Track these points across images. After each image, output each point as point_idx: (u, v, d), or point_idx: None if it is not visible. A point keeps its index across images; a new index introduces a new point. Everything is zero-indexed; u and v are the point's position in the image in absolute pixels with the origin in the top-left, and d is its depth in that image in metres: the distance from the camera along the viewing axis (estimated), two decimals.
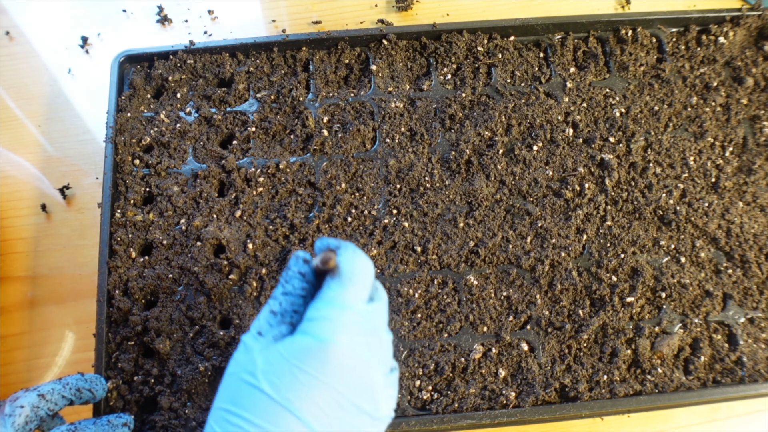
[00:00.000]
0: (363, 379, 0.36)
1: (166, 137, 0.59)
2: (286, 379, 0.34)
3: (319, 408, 0.34)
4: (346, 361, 0.35)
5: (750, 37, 0.65)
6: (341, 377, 0.35)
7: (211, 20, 0.70)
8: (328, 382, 0.34)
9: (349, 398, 0.35)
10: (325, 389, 0.34)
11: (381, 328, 0.38)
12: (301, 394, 0.34)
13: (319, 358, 0.35)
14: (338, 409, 0.35)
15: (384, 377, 0.38)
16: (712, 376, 0.52)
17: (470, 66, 0.63)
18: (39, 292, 0.58)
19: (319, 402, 0.34)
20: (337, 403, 0.35)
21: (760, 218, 0.57)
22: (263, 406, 0.34)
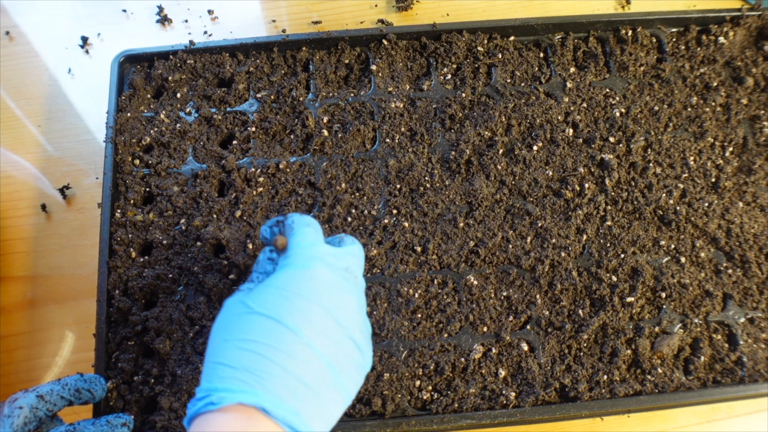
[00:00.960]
0: (345, 304, 0.39)
1: (166, 137, 0.59)
2: (276, 301, 0.37)
3: (310, 323, 0.36)
4: (327, 284, 0.38)
5: (750, 37, 0.65)
6: (325, 297, 0.38)
7: (211, 20, 0.70)
8: (312, 299, 0.37)
9: (334, 317, 0.38)
10: (312, 306, 0.37)
11: (353, 268, 0.42)
12: (291, 311, 0.36)
13: (305, 281, 0.38)
14: (325, 325, 0.37)
15: (362, 312, 0.41)
16: (712, 376, 0.52)
17: (470, 66, 0.63)
18: (39, 292, 0.58)
19: (309, 317, 0.37)
20: (323, 319, 0.37)
21: (760, 218, 0.57)
22: (261, 325, 0.36)
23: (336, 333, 0.37)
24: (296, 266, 0.39)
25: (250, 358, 0.35)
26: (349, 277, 0.41)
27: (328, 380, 0.36)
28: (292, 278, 0.38)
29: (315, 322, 0.37)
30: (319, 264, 0.39)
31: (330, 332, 0.37)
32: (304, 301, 0.37)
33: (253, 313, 0.37)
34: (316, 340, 0.36)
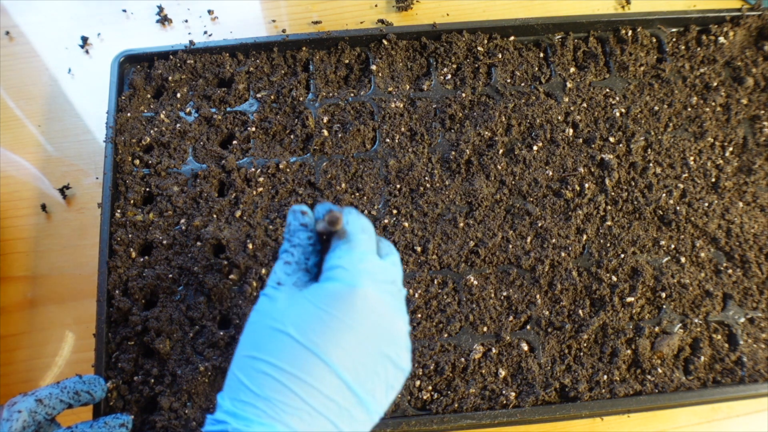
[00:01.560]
0: (388, 326, 0.36)
1: (166, 137, 0.59)
2: (312, 323, 0.34)
3: (346, 352, 0.34)
4: (372, 306, 0.35)
5: (750, 37, 0.65)
6: (368, 322, 0.35)
7: (211, 20, 0.70)
8: (354, 326, 0.34)
9: (375, 344, 0.35)
10: (352, 333, 0.34)
11: (398, 280, 0.39)
12: (327, 338, 0.34)
13: (347, 302, 0.35)
14: (364, 354, 0.34)
15: (405, 327, 0.37)
16: (712, 376, 0.52)
17: (470, 66, 0.63)
18: (39, 292, 0.58)
19: (346, 346, 0.34)
20: (363, 347, 0.34)
21: (760, 218, 0.57)
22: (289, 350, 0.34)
23: (375, 361, 0.35)
24: (342, 282, 0.35)
25: (272, 387, 0.33)
26: (395, 291, 0.38)
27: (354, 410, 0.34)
28: (335, 298, 0.35)
29: (353, 353, 0.34)
30: (367, 282, 0.36)
31: (369, 362, 0.35)
32: (345, 327, 0.34)
33: (284, 333, 0.34)
34: (350, 372, 0.34)
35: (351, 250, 0.37)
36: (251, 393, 0.33)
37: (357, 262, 0.36)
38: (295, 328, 0.34)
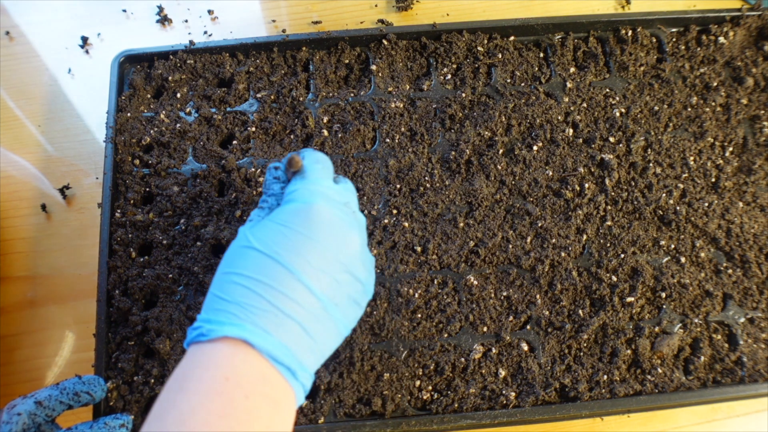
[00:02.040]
0: (343, 238, 0.40)
1: (166, 137, 0.59)
2: (274, 237, 0.38)
3: (305, 259, 0.37)
4: (326, 220, 0.39)
5: (750, 37, 0.65)
6: (323, 233, 0.39)
7: (211, 20, 0.70)
8: (311, 236, 0.38)
9: (332, 253, 0.39)
10: (310, 243, 0.38)
11: (352, 203, 0.43)
12: (288, 247, 0.38)
13: (303, 216, 0.39)
14: (322, 262, 0.38)
15: (361, 243, 0.41)
16: (712, 376, 0.52)
17: (470, 66, 0.63)
18: (39, 292, 0.58)
19: (305, 254, 0.38)
20: (321, 256, 0.38)
21: (760, 218, 0.57)
22: (256, 261, 0.37)
23: (334, 268, 0.39)
24: (298, 201, 0.40)
25: (242, 293, 0.36)
26: (348, 212, 0.42)
27: (321, 315, 0.38)
28: (293, 214, 0.40)
29: (312, 260, 0.38)
30: (321, 200, 0.40)
31: (327, 268, 0.38)
32: (302, 237, 0.38)
33: (251, 248, 0.38)
34: (311, 277, 0.37)
35: (305, 178, 0.42)
36: (223, 301, 0.37)
37: (310, 185, 0.41)
38: (259, 242, 0.38)
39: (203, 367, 0.34)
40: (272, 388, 0.35)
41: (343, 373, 0.51)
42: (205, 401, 0.33)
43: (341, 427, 0.48)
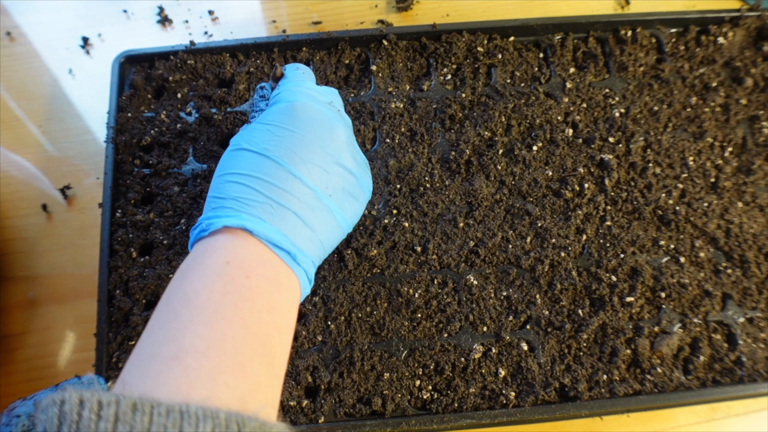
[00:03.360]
0: (328, 131, 0.41)
1: (167, 137, 0.59)
2: (263, 136, 0.40)
3: (294, 153, 0.39)
4: (311, 115, 0.41)
5: (749, 38, 0.65)
6: (309, 127, 0.41)
7: (212, 21, 0.70)
8: (297, 131, 0.40)
9: (319, 145, 0.40)
10: (297, 137, 0.40)
11: (336, 103, 0.45)
12: (276, 143, 0.39)
13: (287, 114, 0.41)
14: (311, 154, 0.40)
15: (351, 141, 0.43)
16: (711, 375, 0.52)
17: (470, 66, 0.63)
18: (39, 292, 0.58)
19: (294, 148, 0.39)
20: (309, 148, 0.40)
21: (760, 218, 0.57)
22: (247, 160, 0.39)
23: (322, 160, 0.40)
24: (282, 101, 0.42)
25: (236, 189, 0.38)
26: (333, 109, 0.44)
27: (315, 205, 0.39)
28: (278, 113, 0.41)
29: (299, 152, 0.39)
30: (304, 97, 0.42)
31: (316, 160, 0.40)
32: (289, 133, 0.40)
33: (241, 149, 0.40)
34: (301, 169, 0.39)
35: (288, 83, 0.44)
36: (220, 199, 0.38)
37: (292, 87, 0.43)
38: (249, 144, 0.40)
39: (204, 256, 0.36)
40: (272, 271, 0.37)
41: (343, 372, 0.51)
42: (208, 282, 0.34)
43: (341, 427, 0.48)
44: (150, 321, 0.34)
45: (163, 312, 0.34)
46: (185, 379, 0.29)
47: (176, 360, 0.30)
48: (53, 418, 0.25)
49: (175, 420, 0.25)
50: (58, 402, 0.25)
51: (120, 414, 0.24)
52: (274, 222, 0.37)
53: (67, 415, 0.24)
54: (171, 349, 0.31)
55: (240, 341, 0.32)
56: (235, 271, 0.35)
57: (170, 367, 0.30)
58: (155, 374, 0.30)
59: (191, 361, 0.30)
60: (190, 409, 0.25)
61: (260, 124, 0.41)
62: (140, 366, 0.31)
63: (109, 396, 0.25)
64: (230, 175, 0.39)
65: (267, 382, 0.33)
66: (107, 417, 0.24)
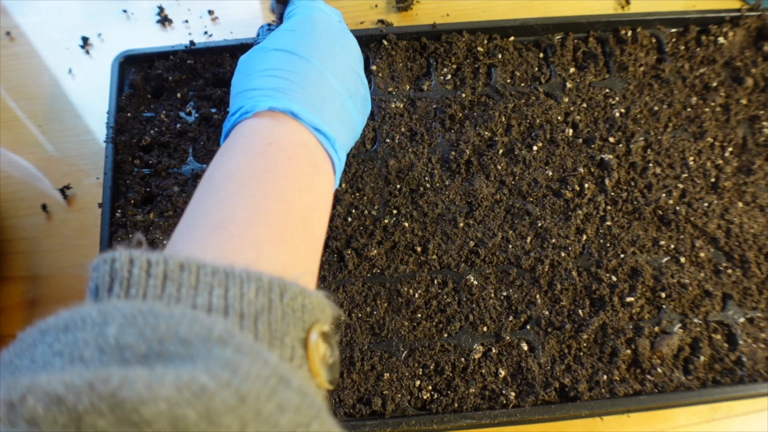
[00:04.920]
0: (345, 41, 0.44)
1: (167, 137, 0.59)
2: (286, 38, 0.41)
3: (320, 53, 0.41)
4: (327, 23, 0.43)
5: (749, 38, 0.65)
6: (327, 33, 0.43)
7: (212, 21, 0.70)
8: (317, 36, 0.42)
9: (339, 51, 0.42)
10: (318, 40, 0.41)
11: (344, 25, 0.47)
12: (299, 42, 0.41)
13: (305, 22, 0.43)
14: (333, 57, 0.41)
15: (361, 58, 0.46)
16: (711, 375, 0.52)
17: (470, 66, 0.63)
18: (39, 292, 0.58)
19: (319, 49, 0.41)
20: (331, 52, 0.41)
21: (760, 218, 0.57)
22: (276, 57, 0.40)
23: (343, 63, 0.42)
24: (299, 14, 0.44)
25: (274, 81, 0.39)
26: (344, 26, 0.46)
27: (343, 102, 0.41)
28: (298, 21, 0.43)
29: (324, 53, 0.41)
30: (319, 12, 0.44)
31: (338, 62, 0.41)
32: (311, 37, 0.41)
33: (269, 49, 0.41)
34: (329, 68, 0.40)
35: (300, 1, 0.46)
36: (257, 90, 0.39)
37: (305, 2, 0.45)
38: (276, 45, 0.41)
39: (246, 135, 0.37)
40: (311, 153, 0.37)
41: (343, 372, 0.51)
42: (250, 159, 0.35)
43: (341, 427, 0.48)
44: (193, 196, 0.34)
45: (206, 186, 0.34)
46: (230, 246, 0.30)
47: (220, 228, 0.31)
48: (104, 276, 0.25)
49: (221, 280, 0.25)
50: (109, 260, 0.26)
51: (168, 272, 0.25)
52: (312, 110, 0.38)
53: (118, 272, 0.25)
54: (215, 218, 0.31)
55: (281, 215, 0.33)
56: (277, 152, 0.35)
57: (214, 235, 0.30)
58: (199, 241, 0.30)
59: (234, 229, 0.31)
60: (234, 271, 0.26)
61: (281, 30, 0.42)
62: (185, 234, 0.32)
63: (158, 255, 0.26)
64: (263, 71, 0.40)
65: (306, 255, 0.34)
66: (156, 274, 0.25)
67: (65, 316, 0.22)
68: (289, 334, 0.26)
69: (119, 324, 0.22)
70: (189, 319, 0.22)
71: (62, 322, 0.22)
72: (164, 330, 0.22)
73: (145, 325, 0.22)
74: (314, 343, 0.27)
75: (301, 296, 0.27)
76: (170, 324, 0.22)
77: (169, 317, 0.22)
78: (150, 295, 0.25)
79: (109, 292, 0.25)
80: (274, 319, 0.26)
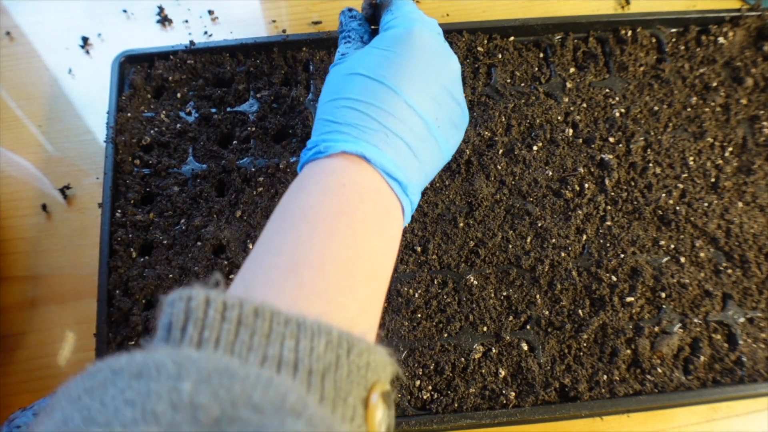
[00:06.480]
0: (444, 61, 0.42)
1: (166, 137, 0.59)
2: (379, 62, 0.40)
3: (410, 81, 0.39)
4: (427, 45, 0.41)
5: (749, 38, 0.65)
6: (426, 56, 0.41)
7: (212, 21, 0.70)
8: (414, 60, 0.40)
9: (434, 75, 0.41)
10: (414, 66, 0.40)
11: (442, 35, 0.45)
12: (393, 71, 0.39)
13: (406, 41, 0.41)
14: (425, 84, 0.40)
15: (458, 67, 0.44)
16: (711, 375, 0.52)
17: (470, 66, 0.63)
18: (39, 292, 0.58)
19: (410, 76, 0.39)
20: (424, 78, 0.40)
21: (760, 218, 0.57)
22: (363, 85, 0.39)
23: (436, 91, 0.40)
24: (398, 27, 0.42)
25: (352, 115, 0.38)
26: (444, 40, 0.44)
27: (425, 136, 0.40)
28: (394, 39, 0.41)
29: (416, 81, 0.39)
30: (421, 24, 0.42)
31: (430, 90, 0.40)
32: (406, 61, 0.40)
33: (356, 74, 0.40)
34: (416, 99, 0.39)
35: (400, 7, 0.44)
36: (335, 123, 0.39)
37: (408, 13, 0.43)
38: (364, 68, 0.40)
39: (322, 174, 0.37)
40: (384, 198, 0.37)
41: None
42: (324, 199, 0.35)
43: None
44: (265, 230, 0.35)
45: (279, 222, 0.34)
46: (301, 293, 0.30)
47: (293, 273, 0.31)
48: (179, 313, 0.25)
49: (293, 330, 0.25)
50: (185, 298, 0.26)
51: (243, 317, 0.25)
52: (388, 151, 0.38)
53: (193, 312, 0.25)
54: (288, 260, 0.31)
55: (352, 262, 0.33)
56: (351, 194, 0.35)
57: (287, 279, 0.31)
58: (272, 284, 0.30)
59: (306, 275, 0.31)
60: (306, 322, 0.26)
61: (375, 49, 0.41)
62: (257, 272, 0.32)
63: (234, 299, 0.26)
64: (345, 100, 0.39)
65: (372, 307, 0.34)
66: (230, 318, 0.25)
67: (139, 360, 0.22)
68: (352, 392, 0.26)
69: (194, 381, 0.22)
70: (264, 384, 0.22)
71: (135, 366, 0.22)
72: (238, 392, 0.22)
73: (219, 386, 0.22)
74: (374, 404, 0.27)
75: (367, 353, 0.27)
76: (245, 387, 0.22)
77: (244, 379, 0.22)
78: (223, 340, 0.25)
79: (182, 332, 0.25)
80: (340, 377, 0.26)
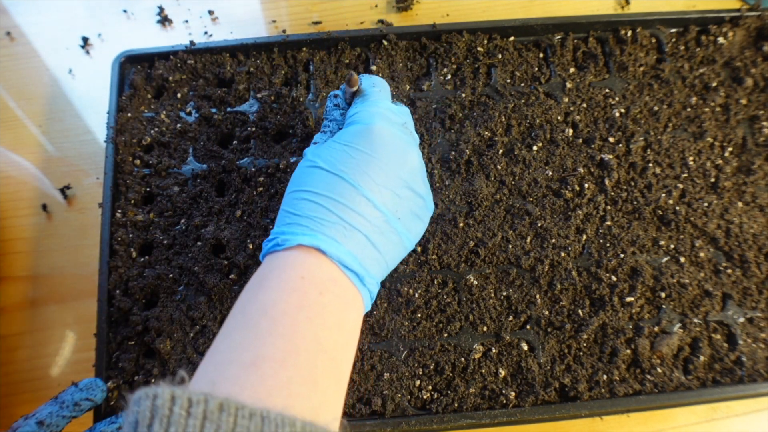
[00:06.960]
0: (402, 155, 0.43)
1: (167, 137, 0.59)
2: (339, 157, 0.41)
3: (368, 176, 0.40)
4: (386, 139, 0.42)
5: (749, 38, 0.65)
6: (384, 151, 0.42)
7: (212, 21, 0.70)
8: (373, 155, 0.41)
9: (392, 169, 0.42)
10: (372, 161, 0.41)
11: (408, 124, 0.46)
12: (351, 166, 0.41)
13: (365, 137, 0.42)
14: (384, 178, 0.41)
15: (418, 160, 0.44)
16: (711, 375, 0.52)
17: (470, 66, 0.63)
18: (39, 292, 0.58)
19: (368, 171, 0.41)
20: (382, 172, 0.41)
21: (759, 218, 0.57)
22: (323, 179, 0.40)
23: (395, 184, 0.42)
24: (360, 123, 0.43)
25: (312, 208, 0.39)
26: (406, 131, 0.45)
27: (384, 228, 0.41)
28: (355, 134, 0.42)
29: (374, 176, 0.41)
30: (381, 120, 0.43)
31: (389, 184, 0.41)
32: (365, 156, 0.41)
33: (317, 167, 0.41)
34: (374, 192, 0.40)
35: (365, 101, 0.45)
36: (295, 215, 0.40)
37: (370, 107, 0.44)
38: (325, 162, 0.41)
39: (280, 268, 0.38)
40: (342, 290, 0.38)
41: None
42: (284, 295, 0.36)
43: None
44: (225, 325, 0.35)
45: (240, 318, 0.35)
46: (263, 387, 0.31)
47: (254, 366, 0.32)
48: (145, 411, 0.26)
49: (257, 424, 0.26)
50: (151, 396, 0.26)
51: (208, 413, 0.26)
52: (345, 243, 0.39)
53: (159, 409, 0.26)
54: (249, 355, 0.32)
55: (313, 355, 0.34)
56: (309, 287, 0.36)
57: (248, 373, 0.31)
58: (234, 379, 0.31)
59: (268, 369, 0.32)
60: (270, 415, 0.27)
61: (337, 143, 0.42)
62: (219, 368, 0.32)
63: (198, 395, 0.26)
64: (304, 192, 0.40)
65: (335, 397, 0.35)
66: (196, 414, 0.26)
67: None
68: None
69: None
70: None
71: None
72: None
73: None
74: None
75: None
76: None
77: None
78: None
79: (148, 429, 0.26)
80: None
